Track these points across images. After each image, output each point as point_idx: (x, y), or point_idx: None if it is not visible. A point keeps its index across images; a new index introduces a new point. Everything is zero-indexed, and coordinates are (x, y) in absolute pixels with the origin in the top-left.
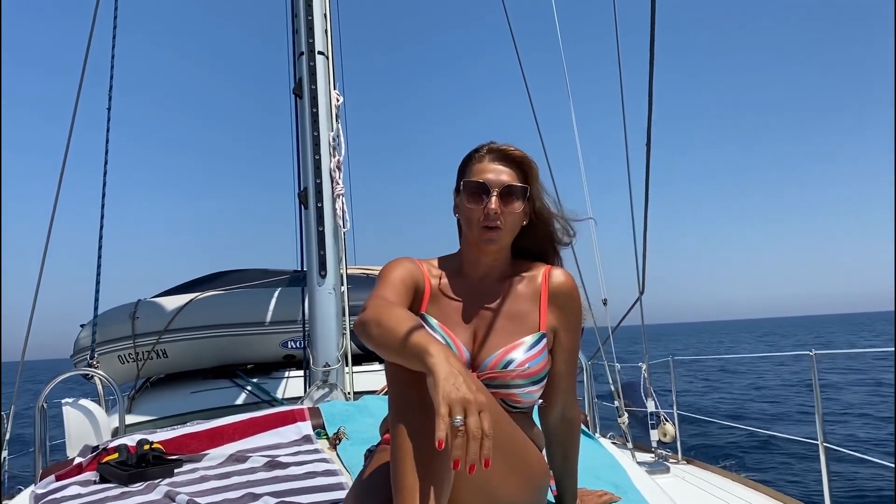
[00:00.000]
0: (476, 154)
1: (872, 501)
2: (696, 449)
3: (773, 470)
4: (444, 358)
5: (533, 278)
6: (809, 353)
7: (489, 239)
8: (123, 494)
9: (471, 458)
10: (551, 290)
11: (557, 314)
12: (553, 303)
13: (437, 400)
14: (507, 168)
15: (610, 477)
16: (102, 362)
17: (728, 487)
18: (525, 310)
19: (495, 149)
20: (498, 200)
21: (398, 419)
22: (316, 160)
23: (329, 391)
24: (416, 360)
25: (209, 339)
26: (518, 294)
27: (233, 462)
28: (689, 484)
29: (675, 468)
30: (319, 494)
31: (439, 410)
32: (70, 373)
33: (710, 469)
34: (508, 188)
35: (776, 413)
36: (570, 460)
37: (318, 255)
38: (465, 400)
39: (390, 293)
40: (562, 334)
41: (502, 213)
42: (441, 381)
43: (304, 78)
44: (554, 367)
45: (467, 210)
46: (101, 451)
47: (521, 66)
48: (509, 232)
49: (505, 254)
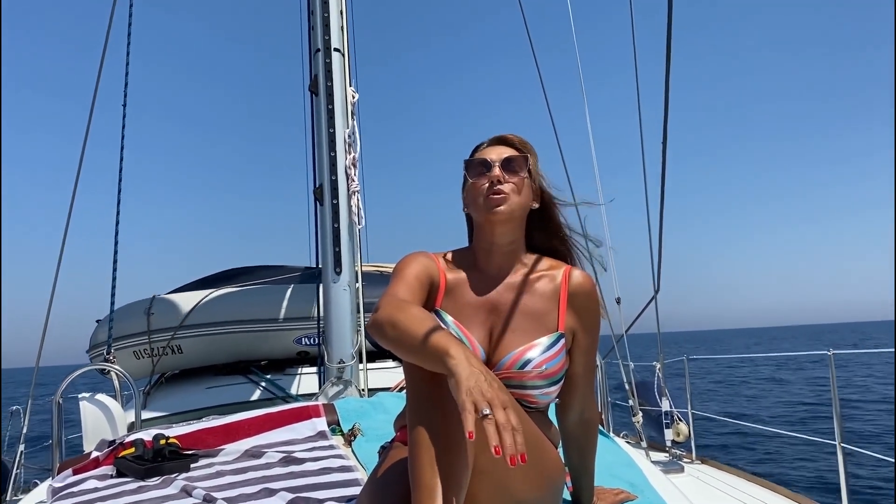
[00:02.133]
0: (478, 147)
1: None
2: (710, 448)
3: (790, 470)
4: (465, 359)
5: (553, 277)
6: (827, 352)
7: (497, 203)
8: (140, 489)
9: (508, 450)
10: (571, 291)
11: (576, 315)
12: (572, 304)
13: (461, 399)
14: (506, 148)
15: (626, 475)
16: (118, 357)
17: (743, 487)
18: (543, 309)
19: (495, 137)
20: (501, 170)
21: (416, 416)
22: (331, 157)
23: (344, 388)
24: (435, 361)
25: (223, 336)
26: (536, 292)
27: (248, 457)
28: (703, 483)
29: (690, 467)
30: (335, 490)
31: (465, 407)
32: (87, 367)
33: (724, 469)
34: (509, 158)
35: (792, 413)
36: (587, 459)
37: (333, 251)
38: (489, 397)
39: (404, 290)
40: (580, 335)
41: (506, 182)
42: (464, 381)
43: (320, 75)
44: (572, 368)
45: (473, 189)
46: (117, 445)
47: (537, 63)
48: (517, 202)
49: (518, 237)
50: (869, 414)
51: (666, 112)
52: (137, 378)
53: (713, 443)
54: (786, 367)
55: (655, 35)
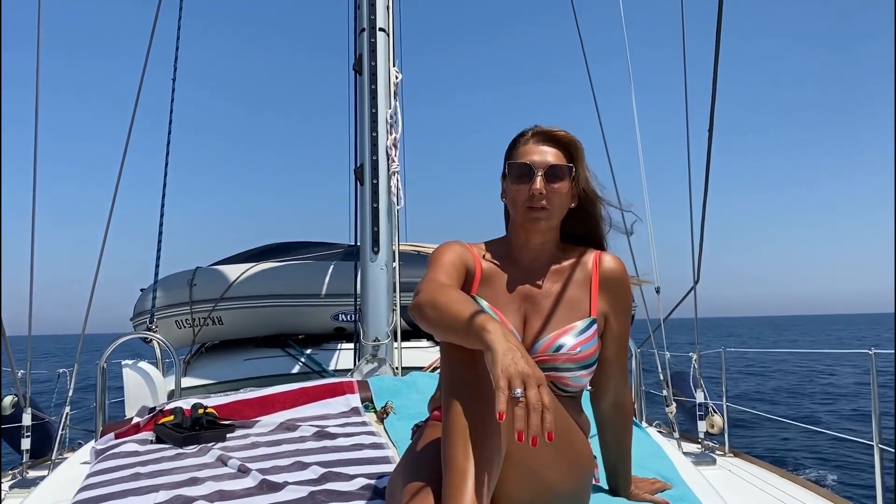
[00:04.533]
0: (521, 137)
1: None
2: (742, 439)
3: (826, 469)
4: (503, 334)
5: (584, 264)
6: (869, 351)
7: (535, 218)
8: (178, 455)
9: (533, 430)
10: (602, 275)
11: (608, 299)
12: (604, 288)
13: (496, 374)
14: (552, 149)
15: (656, 467)
16: (161, 326)
17: (776, 483)
18: (576, 295)
19: (540, 131)
20: (543, 181)
21: (451, 398)
22: (373, 137)
23: (378, 366)
24: (473, 337)
25: (263, 309)
26: (569, 279)
27: (283, 430)
28: (736, 477)
29: (722, 460)
30: (366, 466)
31: (498, 384)
32: (131, 335)
33: (757, 463)
34: (553, 168)
35: (833, 410)
36: (623, 445)
37: (371, 231)
38: (525, 373)
39: (443, 276)
40: (612, 319)
41: (548, 194)
42: (500, 356)
43: (365, 54)
44: (604, 353)
45: (513, 192)
46: (157, 412)
47: (585, 52)
48: (556, 213)
49: (553, 237)
50: None
51: (713, 104)
52: (178, 347)
53: (747, 435)
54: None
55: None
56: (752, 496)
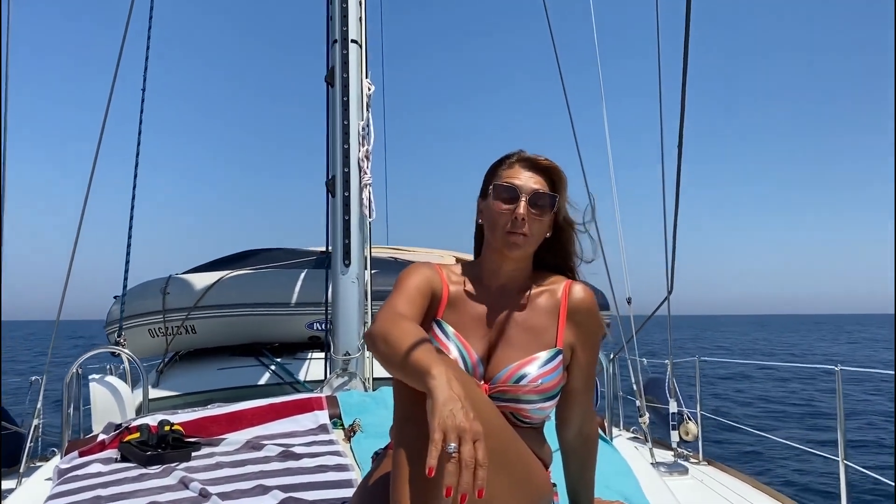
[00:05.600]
0: (506, 160)
1: None
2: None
3: (796, 477)
4: (446, 381)
5: (553, 293)
6: (835, 367)
7: (514, 244)
8: (141, 476)
9: (463, 488)
10: (570, 306)
11: (575, 331)
12: (571, 319)
13: (433, 425)
14: (536, 175)
15: (620, 487)
16: (133, 335)
17: (745, 493)
18: (543, 324)
19: (525, 157)
20: (527, 206)
21: (400, 437)
22: (345, 149)
23: (349, 379)
24: (418, 379)
25: (237, 318)
26: (537, 307)
27: (249, 449)
28: (706, 487)
29: (695, 469)
30: (328, 491)
31: (433, 437)
32: (96, 350)
33: (729, 472)
34: (538, 195)
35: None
36: (587, 474)
37: (343, 243)
38: (461, 428)
39: (403, 303)
40: (579, 351)
41: (529, 220)
42: (439, 407)
43: (337, 66)
44: (570, 384)
45: (494, 214)
46: (123, 429)
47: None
48: (534, 240)
49: (526, 264)
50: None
51: (681, 128)
52: (152, 356)
53: (722, 441)
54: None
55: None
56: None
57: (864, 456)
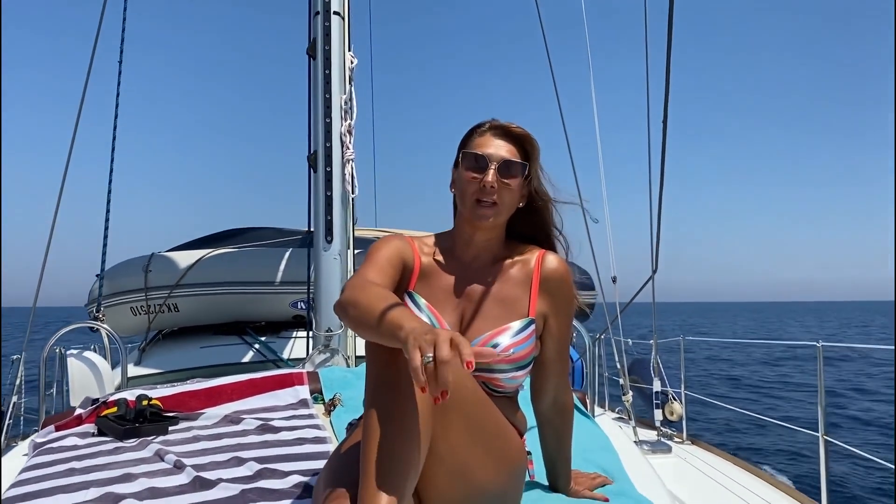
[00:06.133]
0: (478, 129)
1: (869, 499)
2: (702, 427)
3: (779, 457)
4: (417, 328)
5: (526, 262)
6: (816, 343)
7: (483, 215)
8: (117, 449)
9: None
10: (543, 276)
11: (548, 300)
12: (544, 288)
13: (407, 347)
14: (507, 144)
15: (600, 460)
16: (115, 313)
17: (727, 470)
18: (515, 294)
19: (497, 125)
20: (496, 174)
21: (372, 400)
22: (326, 123)
23: (331, 356)
24: (389, 336)
25: (220, 296)
26: (509, 278)
27: (227, 423)
28: (688, 465)
29: (678, 448)
30: (304, 462)
31: (410, 357)
32: (75, 325)
33: (712, 451)
34: (507, 163)
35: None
36: (563, 444)
37: (325, 220)
38: (431, 336)
39: (373, 273)
40: (552, 321)
41: (499, 188)
42: (408, 333)
43: (319, 38)
44: (544, 354)
45: (464, 183)
46: (100, 404)
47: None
48: (504, 210)
49: (498, 234)
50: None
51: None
52: (134, 335)
53: (707, 422)
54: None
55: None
56: (702, 484)
57: (845, 432)
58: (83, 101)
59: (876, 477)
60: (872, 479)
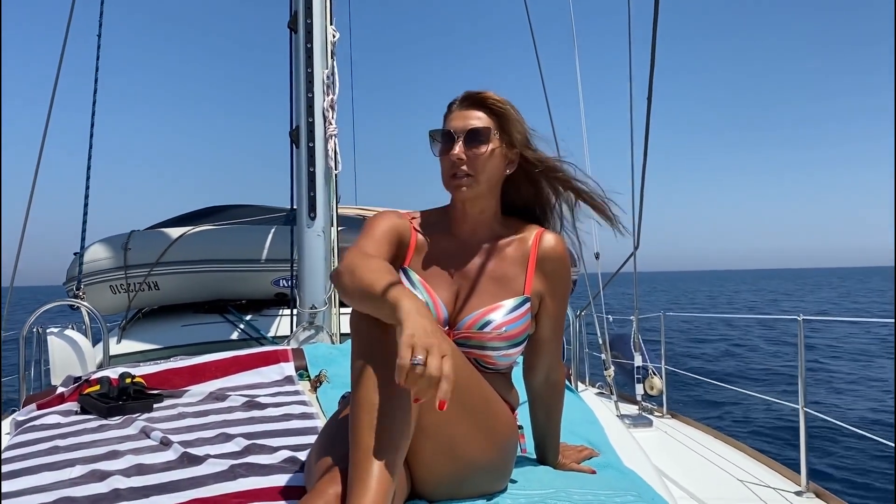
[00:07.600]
0: (451, 105)
1: (849, 469)
2: (681, 402)
3: (761, 428)
4: (415, 310)
5: (523, 241)
6: (797, 318)
7: (457, 186)
8: (101, 427)
9: (424, 395)
10: (540, 255)
11: (544, 280)
12: (541, 268)
13: (400, 344)
14: (478, 112)
15: (586, 433)
16: (95, 292)
17: (707, 443)
18: (511, 272)
19: (467, 95)
20: (462, 146)
21: (360, 373)
22: (309, 98)
23: (315, 333)
24: (386, 310)
25: (201, 274)
26: (506, 256)
27: (212, 400)
28: (669, 438)
29: (659, 422)
30: (292, 438)
31: (400, 354)
32: (55, 303)
33: (692, 424)
34: (473, 131)
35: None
36: (553, 420)
37: (308, 196)
38: (428, 343)
39: (370, 245)
40: (548, 300)
41: (469, 158)
42: (409, 325)
43: (300, 11)
44: (539, 332)
45: (440, 162)
46: (83, 382)
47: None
48: (482, 178)
49: (491, 206)
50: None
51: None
52: (114, 313)
53: (686, 397)
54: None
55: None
56: (683, 457)
57: (822, 403)
58: (58, 75)
59: (856, 451)
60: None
